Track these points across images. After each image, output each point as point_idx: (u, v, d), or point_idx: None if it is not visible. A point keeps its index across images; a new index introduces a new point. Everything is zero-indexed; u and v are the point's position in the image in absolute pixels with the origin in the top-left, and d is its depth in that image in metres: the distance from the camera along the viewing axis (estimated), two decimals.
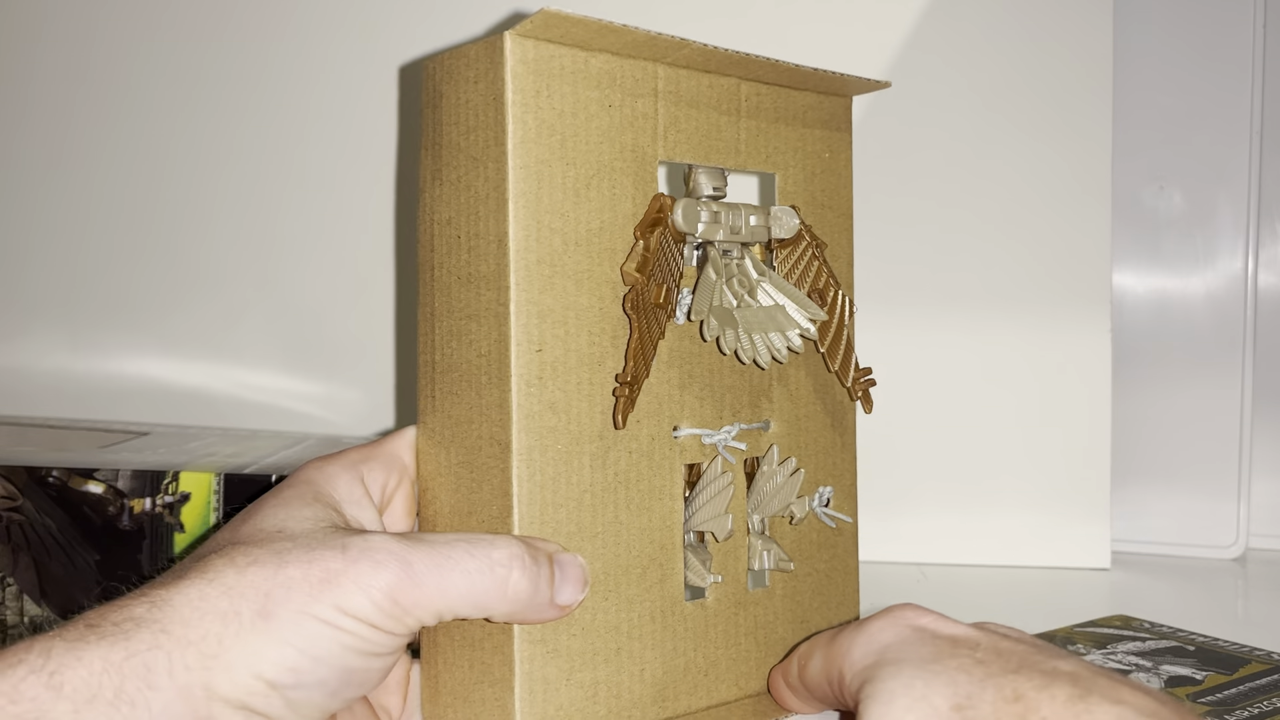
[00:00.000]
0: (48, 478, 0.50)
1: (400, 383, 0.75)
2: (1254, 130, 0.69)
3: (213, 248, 0.76)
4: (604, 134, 0.39)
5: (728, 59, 0.41)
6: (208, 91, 0.75)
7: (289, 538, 0.34)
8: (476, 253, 0.38)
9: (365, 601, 0.32)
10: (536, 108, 0.37)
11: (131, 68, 0.76)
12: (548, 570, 0.36)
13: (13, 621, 0.50)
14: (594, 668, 0.38)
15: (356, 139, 0.74)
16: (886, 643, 0.35)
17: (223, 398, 0.76)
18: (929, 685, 0.32)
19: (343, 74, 0.74)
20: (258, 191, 0.75)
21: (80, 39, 0.77)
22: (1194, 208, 0.70)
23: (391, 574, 0.33)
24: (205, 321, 0.76)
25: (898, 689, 0.32)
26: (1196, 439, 0.70)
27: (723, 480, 0.41)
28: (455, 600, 0.34)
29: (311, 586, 0.32)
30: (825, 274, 0.45)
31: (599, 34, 0.37)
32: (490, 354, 0.37)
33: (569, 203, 0.38)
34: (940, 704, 0.31)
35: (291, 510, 0.36)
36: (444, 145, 0.39)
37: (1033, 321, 0.67)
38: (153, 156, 0.76)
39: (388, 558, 0.33)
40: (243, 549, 0.33)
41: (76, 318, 0.78)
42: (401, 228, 0.74)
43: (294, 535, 0.34)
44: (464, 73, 0.38)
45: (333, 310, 0.75)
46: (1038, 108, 0.67)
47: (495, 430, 0.37)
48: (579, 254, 0.38)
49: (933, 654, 0.33)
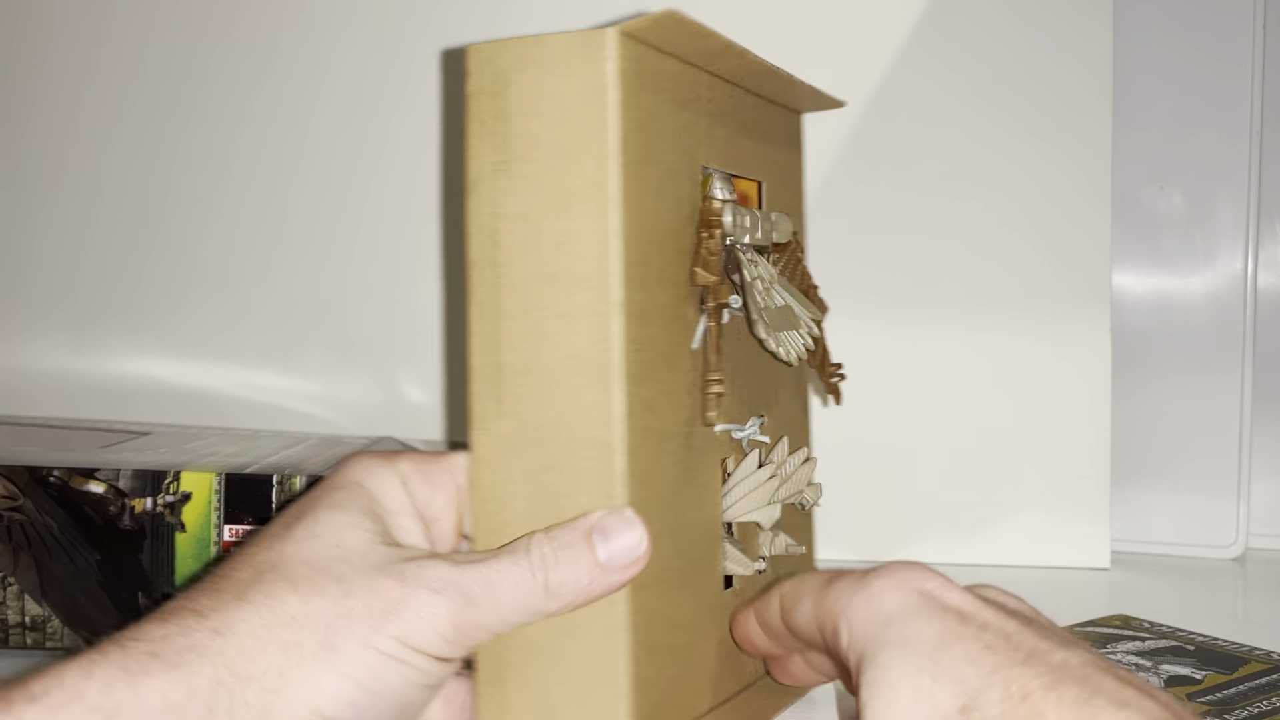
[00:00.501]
0: (49, 477, 0.50)
1: (400, 383, 0.75)
2: (1254, 130, 0.69)
3: (214, 248, 0.76)
4: (673, 137, 0.39)
5: (764, 72, 0.42)
6: (210, 92, 0.75)
7: (346, 559, 0.33)
8: (567, 250, 0.37)
9: (429, 632, 0.32)
10: (634, 106, 0.37)
11: (134, 68, 0.76)
12: (585, 548, 0.34)
13: (14, 621, 0.50)
14: (675, 663, 0.38)
15: (358, 139, 0.74)
16: (890, 611, 0.33)
17: (224, 398, 0.76)
18: (935, 681, 0.31)
19: (346, 76, 0.74)
20: (260, 192, 0.75)
21: (83, 39, 0.77)
22: (1194, 208, 0.70)
23: (451, 602, 0.32)
24: (206, 322, 0.76)
25: (903, 681, 0.32)
26: (1196, 439, 0.70)
27: (763, 473, 0.43)
28: (509, 615, 0.34)
29: (373, 618, 0.32)
30: (808, 275, 0.47)
31: (691, 38, 0.38)
32: (587, 354, 0.36)
33: (652, 203, 0.38)
34: (947, 704, 0.31)
35: (346, 519, 0.35)
36: (514, 136, 0.37)
37: (1033, 321, 0.67)
38: (155, 157, 0.76)
39: (445, 585, 0.32)
40: (304, 572, 0.32)
41: (78, 318, 0.78)
42: (401, 228, 0.74)
43: (351, 556, 0.33)
44: (547, 63, 0.37)
45: (333, 310, 0.75)
46: (1038, 107, 0.67)
47: (595, 431, 0.36)
48: (659, 254, 0.38)
49: (939, 637, 0.32)
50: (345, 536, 0.34)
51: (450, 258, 0.73)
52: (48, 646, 0.50)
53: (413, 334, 0.74)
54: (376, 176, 0.74)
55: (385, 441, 0.64)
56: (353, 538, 0.34)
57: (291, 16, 0.74)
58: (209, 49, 0.75)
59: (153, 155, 0.76)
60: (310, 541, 0.34)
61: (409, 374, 0.74)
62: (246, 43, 0.75)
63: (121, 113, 0.77)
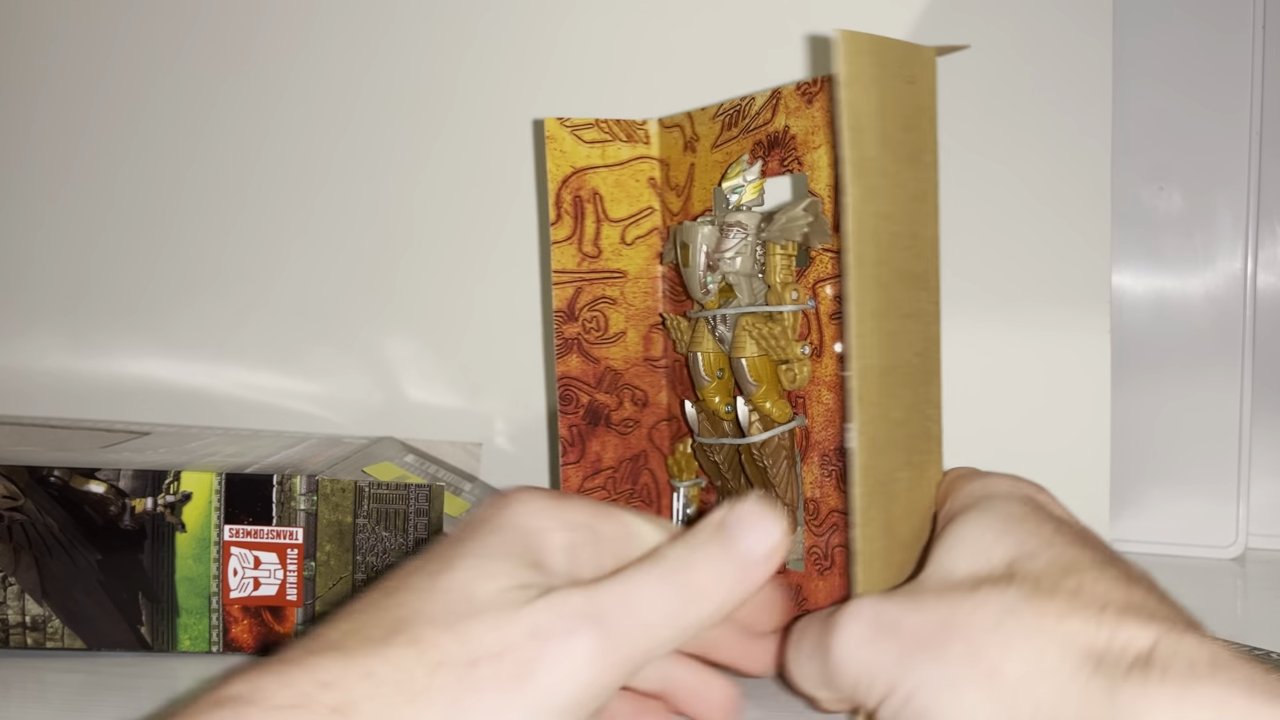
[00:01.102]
0: (49, 477, 0.50)
1: (400, 383, 0.75)
2: (1254, 130, 0.69)
3: (214, 248, 0.76)
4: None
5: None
6: (210, 92, 0.75)
7: (476, 614, 0.30)
8: (913, 252, 0.39)
9: (570, 687, 0.29)
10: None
11: (134, 68, 0.76)
12: (720, 544, 0.33)
13: (14, 621, 0.50)
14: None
15: (358, 139, 0.74)
16: (993, 492, 0.37)
17: (224, 398, 0.76)
18: (997, 537, 0.34)
19: (342, 76, 0.74)
20: (260, 192, 0.75)
21: (83, 40, 0.77)
22: (1193, 208, 0.70)
23: (589, 640, 0.30)
24: (207, 322, 0.76)
25: (969, 534, 0.34)
26: (1196, 439, 0.70)
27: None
28: (658, 635, 0.31)
29: (504, 689, 0.29)
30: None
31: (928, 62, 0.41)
32: (926, 352, 0.39)
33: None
34: (997, 559, 0.33)
35: (485, 567, 0.32)
36: (875, 136, 0.38)
37: (1032, 321, 0.67)
38: (155, 157, 0.76)
39: (579, 619, 0.30)
40: (431, 635, 0.29)
41: (78, 318, 0.78)
42: (402, 228, 0.74)
43: (481, 610, 0.30)
44: (897, 68, 0.38)
45: (333, 310, 0.75)
46: (1037, 107, 0.67)
47: (930, 425, 0.39)
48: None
49: (1019, 517, 0.35)
50: (478, 588, 0.31)
51: (452, 257, 0.73)
52: (48, 647, 0.50)
53: (413, 334, 0.74)
54: (376, 176, 0.74)
55: (385, 441, 0.64)
56: (485, 589, 0.31)
57: (292, 17, 0.74)
58: (209, 49, 0.75)
59: (153, 155, 0.76)
60: (442, 596, 0.31)
61: (409, 374, 0.74)
62: (245, 43, 0.75)
63: (122, 113, 0.77)
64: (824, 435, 0.50)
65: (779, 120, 0.51)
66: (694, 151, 0.55)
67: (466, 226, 0.73)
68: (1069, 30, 0.66)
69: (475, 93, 0.72)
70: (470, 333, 0.73)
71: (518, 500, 0.34)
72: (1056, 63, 0.67)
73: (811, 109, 0.49)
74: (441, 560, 0.32)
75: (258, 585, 0.51)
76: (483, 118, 0.72)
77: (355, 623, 0.31)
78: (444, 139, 0.73)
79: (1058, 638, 0.30)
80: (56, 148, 0.78)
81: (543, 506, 0.34)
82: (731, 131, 0.53)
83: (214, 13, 0.75)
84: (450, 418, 0.74)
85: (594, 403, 0.55)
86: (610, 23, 0.70)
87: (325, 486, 0.51)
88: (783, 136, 0.51)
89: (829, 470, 0.49)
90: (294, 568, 0.51)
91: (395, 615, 0.30)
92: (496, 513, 0.34)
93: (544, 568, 0.32)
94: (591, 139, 0.55)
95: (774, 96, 0.51)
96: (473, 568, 0.31)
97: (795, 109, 0.50)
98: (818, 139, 0.49)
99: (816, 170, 0.49)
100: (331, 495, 0.51)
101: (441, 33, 0.72)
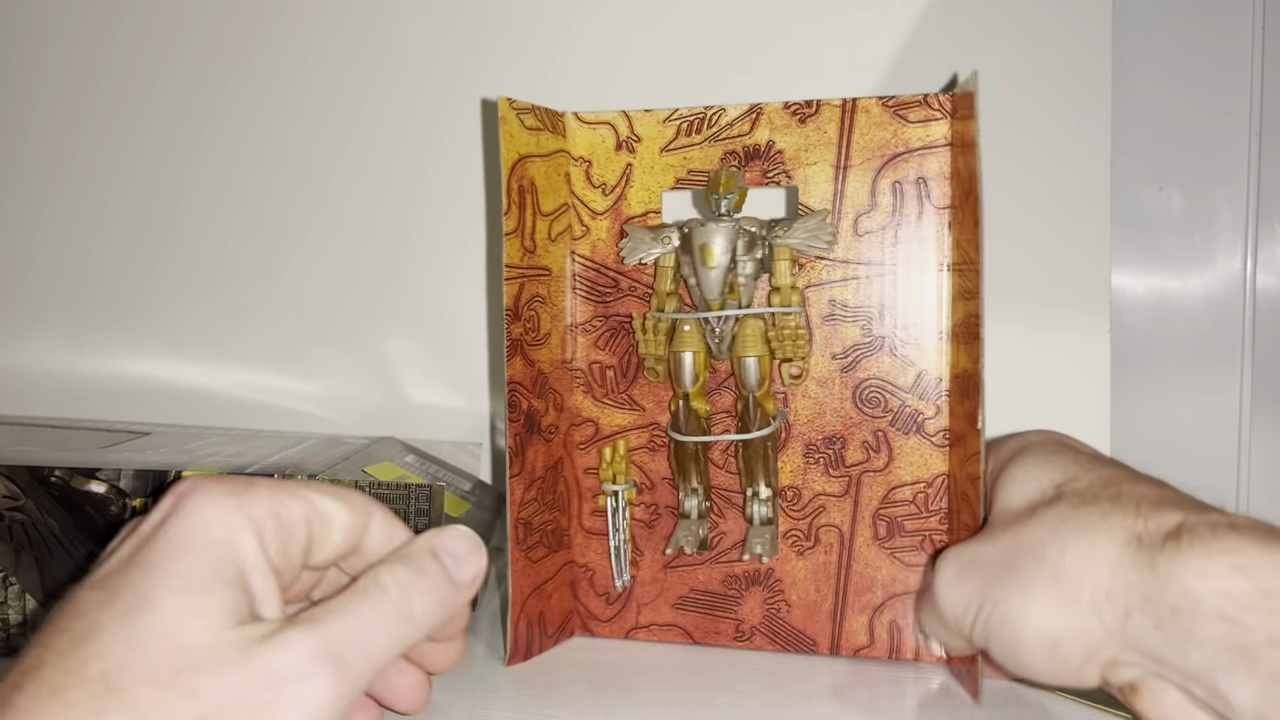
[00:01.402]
0: (50, 477, 0.50)
1: (400, 383, 0.75)
2: (1253, 131, 0.69)
3: (215, 249, 0.76)
4: None
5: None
6: (210, 93, 0.76)
7: (196, 666, 0.28)
8: (966, 275, 0.48)
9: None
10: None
11: (135, 69, 0.76)
12: (439, 571, 0.34)
13: (15, 620, 0.50)
14: None
15: (358, 140, 0.74)
16: (1030, 441, 0.45)
17: (224, 398, 0.76)
18: (1043, 469, 0.41)
19: (343, 77, 0.74)
20: (260, 192, 0.75)
21: (84, 41, 0.77)
22: (1193, 208, 0.70)
23: (325, 680, 0.29)
24: (207, 322, 0.76)
25: (1019, 474, 0.42)
26: (1196, 439, 0.71)
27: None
28: (382, 658, 0.32)
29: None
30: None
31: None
32: (977, 367, 0.47)
33: None
34: (1046, 483, 0.41)
35: (192, 604, 0.29)
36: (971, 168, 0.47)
37: (1032, 322, 0.67)
38: (156, 158, 0.77)
39: (313, 661, 0.29)
40: (150, 697, 0.27)
41: (79, 318, 0.78)
42: (402, 228, 0.74)
43: (201, 661, 0.28)
44: (970, 109, 0.47)
45: (333, 310, 0.75)
46: (1037, 108, 0.67)
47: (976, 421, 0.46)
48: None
49: (1058, 449, 0.43)
50: (192, 631, 0.29)
51: (452, 258, 0.73)
52: None
53: (413, 334, 0.74)
54: (376, 176, 0.74)
55: (385, 441, 0.64)
56: (200, 630, 0.29)
57: (293, 18, 0.74)
58: (209, 50, 0.75)
59: (154, 156, 0.77)
60: (151, 645, 0.28)
61: (409, 374, 0.74)
62: (245, 44, 0.75)
63: (122, 114, 0.77)
64: (808, 428, 0.54)
65: (760, 134, 0.53)
66: (631, 152, 0.55)
67: (467, 227, 0.73)
68: (1069, 30, 0.66)
69: (476, 93, 0.72)
70: (470, 333, 0.73)
71: (195, 502, 0.32)
72: (1056, 63, 0.67)
73: (805, 128, 0.53)
74: (132, 594, 0.29)
75: None
76: (484, 121, 0.72)
77: (46, 679, 0.28)
78: (444, 139, 0.73)
79: (1104, 530, 0.36)
80: (57, 148, 0.78)
81: (224, 506, 0.32)
82: (693, 138, 0.54)
83: (214, 14, 0.75)
84: (450, 418, 0.74)
85: (531, 408, 0.53)
86: (621, 29, 0.70)
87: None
88: (766, 150, 0.53)
89: (815, 458, 0.53)
90: None
91: (98, 670, 0.28)
92: (177, 521, 0.31)
93: (246, 587, 0.31)
94: (531, 125, 0.54)
95: (753, 110, 0.54)
96: (177, 606, 0.29)
97: (783, 126, 0.53)
98: (812, 156, 0.53)
99: (810, 185, 0.53)
100: None
101: (440, 36, 0.72)
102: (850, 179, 0.53)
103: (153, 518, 0.32)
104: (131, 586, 0.30)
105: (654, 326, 0.53)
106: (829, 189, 0.53)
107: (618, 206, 0.55)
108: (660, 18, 0.69)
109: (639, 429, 0.56)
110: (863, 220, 0.53)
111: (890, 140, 0.53)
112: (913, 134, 0.52)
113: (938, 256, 0.53)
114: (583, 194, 0.56)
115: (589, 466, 0.56)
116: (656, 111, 0.55)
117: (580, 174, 0.56)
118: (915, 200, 0.53)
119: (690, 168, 0.54)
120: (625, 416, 0.56)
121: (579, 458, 0.56)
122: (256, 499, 0.32)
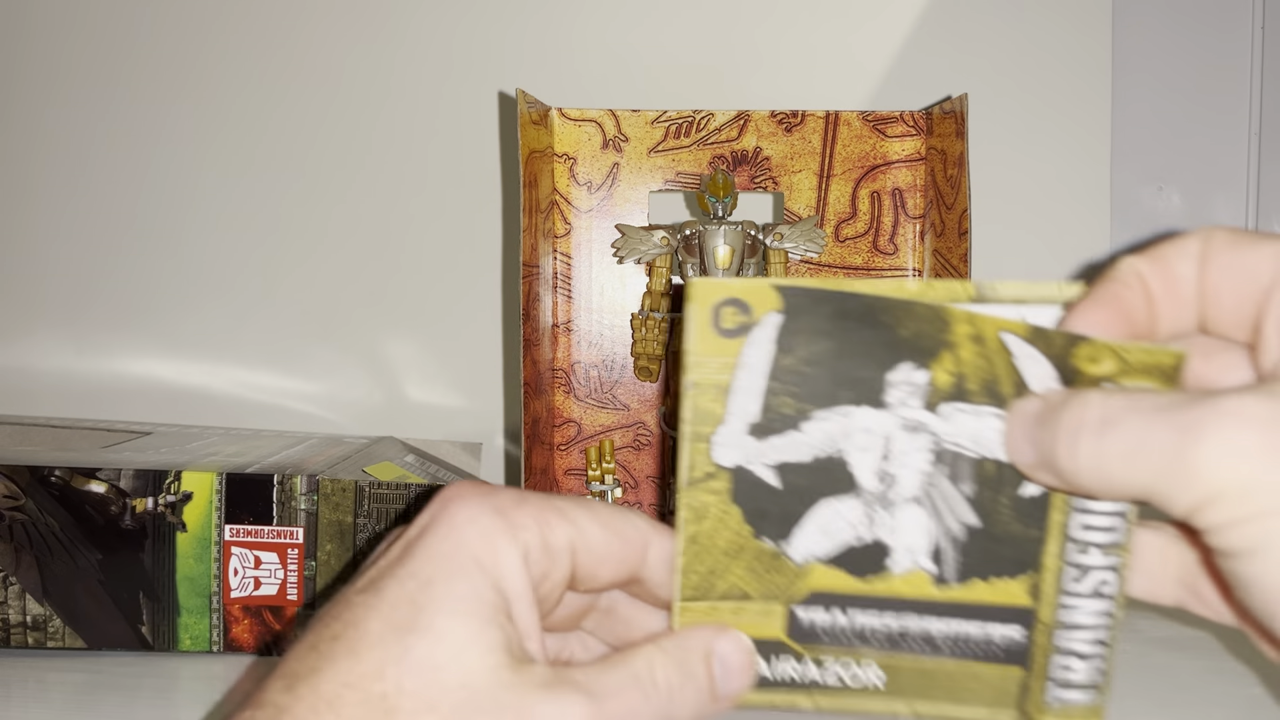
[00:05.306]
0: (50, 477, 0.50)
1: (400, 383, 0.75)
2: (1253, 131, 0.69)
3: (215, 248, 0.76)
4: None
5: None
6: (210, 93, 0.76)
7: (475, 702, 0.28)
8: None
9: None
10: None
11: (136, 70, 0.76)
12: (706, 680, 0.32)
13: (15, 620, 0.51)
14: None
15: (358, 140, 0.74)
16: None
17: (224, 397, 0.76)
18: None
19: (344, 76, 0.74)
20: (260, 192, 0.75)
21: (85, 41, 0.77)
22: (1193, 209, 0.70)
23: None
24: (207, 322, 0.76)
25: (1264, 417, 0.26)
26: None
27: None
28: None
29: None
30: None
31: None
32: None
33: None
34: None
35: (470, 633, 0.29)
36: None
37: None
38: (156, 158, 0.77)
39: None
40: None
41: (79, 318, 0.78)
42: (402, 228, 0.74)
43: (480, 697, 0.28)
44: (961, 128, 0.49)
45: (333, 311, 0.75)
46: (1037, 108, 0.67)
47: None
48: None
49: None
50: (474, 666, 0.28)
51: (452, 257, 0.73)
52: (49, 646, 0.51)
53: (413, 334, 0.74)
54: (377, 176, 0.74)
55: (385, 441, 0.64)
56: (482, 667, 0.28)
57: (291, 18, 0.74)
58: (211, 51, 0.75)
59: (154, 156, 0.77)
60: (435, 673, 0.28)
61: (409, 374, 0.74)
62: (247, 44, 0.75)
63: (124, 116, 0.77)
64: None
65: (747, 140, 0.55)
66: (619, 151, 0.55)
67: (467, 227, 0.73)
68: (1068, 30, 0.66)
69: (476, 94, 0.72)
70: (470, 333, 0.73)
71: (461, 515, 0.31)
72: (1056, 64, 0.67)
73: (791, 137, 0.55)
74: (409, 610, 0.29)
75: (258, 585, 0.51)
76: (485, 119, 0.72)
77: (322, 690, 0.28)
78: (445, 139, 0.73)
79: None
80: (59, 150, 0.78)
81: (491, 527, 0.30)
82: (681, 140, 0.55)
83: (215, 16, 0.75)
84: (450, 418, 0.74)
85: (535, 409, 0.53)
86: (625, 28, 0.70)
87: (326, 486, 0.51)
88: (753, 156, 0.55)
89: None
90: (294, 567, 0.51)
91: (378, 690, 0.28)
92: (445, 533, 0.30)
93: (513, 617, 0.30)
94: (535, 120, 0.55)
95: (741, 117, 0.55)
96: (462, 635, 0.29)
97: (769, 134, 0.55)
98: (798, 164, 0.55)
99: (795, 191, 0.55)
100: (332, 495, 0.51)
101: (443, 36, 0.72)
102: (833, 187, 0.54)
103: (419, 522, 0.31)
104: (408, 601, 0.29)
105: (654, 326, 0.54)
106: (813, 196, 0.55)
107: (606, 206, 0.56)
108: (646, 19, 0.69)
109: (623, 428, 0.56)
110: (844, 227, 0.54)
111: (869, 152, 0.55)
112: (890, 147, 0.54)
113: (913, 263, 0.55)
114: (566, 191, 0.56)
115: (570, 468, 0.56)
116: (645, 112, 0.55)
117: (564, 170, 0.56)
118: (891, 210, 0.54)
119: (679, 169, 0.55)
120: (610, 416, 0.56)
121: (559, 459, 0.56)
122: (524, 520, 0.31)
